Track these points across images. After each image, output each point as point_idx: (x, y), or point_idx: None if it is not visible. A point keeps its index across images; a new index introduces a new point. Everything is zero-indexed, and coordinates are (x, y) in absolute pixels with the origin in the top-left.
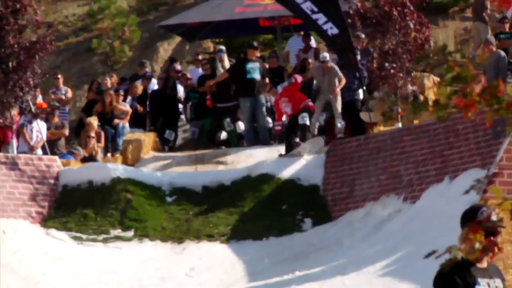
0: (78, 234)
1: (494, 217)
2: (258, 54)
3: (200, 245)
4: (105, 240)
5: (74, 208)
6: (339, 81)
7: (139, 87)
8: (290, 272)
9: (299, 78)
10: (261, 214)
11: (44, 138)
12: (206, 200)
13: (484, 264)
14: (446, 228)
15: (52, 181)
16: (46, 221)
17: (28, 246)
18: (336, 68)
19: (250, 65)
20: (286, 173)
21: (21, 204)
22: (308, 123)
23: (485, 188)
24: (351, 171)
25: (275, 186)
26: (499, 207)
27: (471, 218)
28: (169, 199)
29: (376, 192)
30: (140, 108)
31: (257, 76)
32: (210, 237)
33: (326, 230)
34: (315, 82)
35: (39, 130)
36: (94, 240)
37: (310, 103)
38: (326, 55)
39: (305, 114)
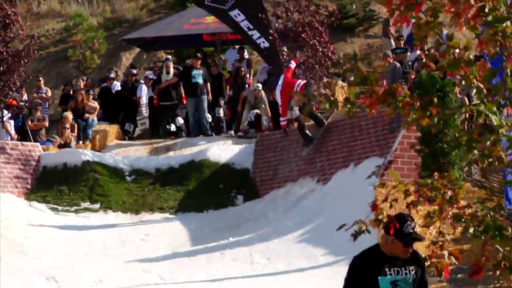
0: (55, 206)
1: (410, 229)
2: (199, 63)
3: (153, 215)
4: (76, 211)
5: (51, 185)
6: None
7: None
8: (225, 238)
9: (293, 65)
10: (202, 191)
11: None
12: (159, 179)
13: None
14: (351, 205)
15: (34, 163)
16: (29, 195)
17: (14, 215)
18: (264, 96)
19: (195, 72)
20: (223, 159)
21: (9, 181)
22: (297, 113)
23: (383, 172)
24: (275, 157)
25: (214, 169)
26: (394, 188)
27: (396, 232)
28: (128, 178)
29: (295, 175)
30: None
31: (200, 80)
32: (161, 209)
33: (254, 205)
34: (244, 94)
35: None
36: (68, 211)
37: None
38: (259, 85)
39: (295, 109)
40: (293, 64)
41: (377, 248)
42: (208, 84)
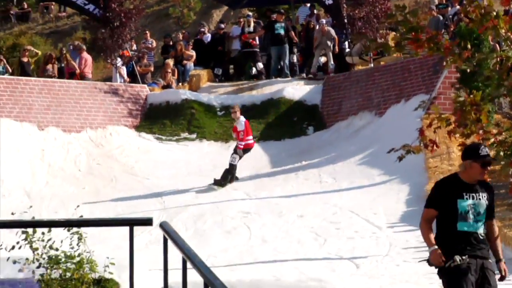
0: (160, 136)
1: (485, 152)
2: (282, 17)
3: None
4: (177, 140)
5: (157, 119)
6: (333, 39)
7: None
8: (298, 162)
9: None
10: (279, 123)
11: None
12: (244, 114)
13: (473, 181)
14: (402, 134)
15: (142, 101)
16: (138, 127)
17: (126, 143)
18: (331, 30)
19: (277, 24)
20: (296, 96)
21: (122, 116)
22: (235, 163)
23: (428, 107)
24: (339, 95)
25: (289, 105)
26: (437, 119)
27: (474, 155)
28: (219, 113)
29: (355, 109)
30: None
31: (282, 32)
32: None
33: (322, 135)
34: (316, 36)
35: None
36: (170, 140)
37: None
38: (323, 20)
39: (235, 156)
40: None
41: (456, 176)
42: (289, 34)
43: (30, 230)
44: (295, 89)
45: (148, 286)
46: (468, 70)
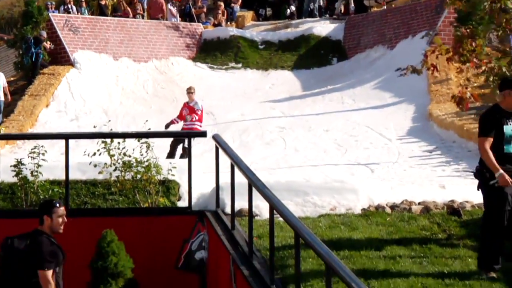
0: (212, 65)
1: None
2: None
3: (277, 72)
4: (226, 69)
5: (209, 51)
6: None
7: None
8: (324, 87)
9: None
10: (309, 55)
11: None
12: (280, 47)
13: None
14: (409, 60)
15: (197, 36)
16: (194, 58)
17: (184, 71)
18: None
19: None
20: (323, 33)
21: (181, 49)
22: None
23: (431, 40)
24: (358, 32)
25: (317, 40)
26: (439, 48)
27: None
28: (260, 47)
29: (371, 44)
30: None
31: None
32: (282, 67)
33: (344, 64)
34: None
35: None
36: (220, 69)
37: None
38: None
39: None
40: None
41: (497, 106)
42: None
43: (108, 140)
44: (322, 27)
45: (203, 186)
46: (464, 11)
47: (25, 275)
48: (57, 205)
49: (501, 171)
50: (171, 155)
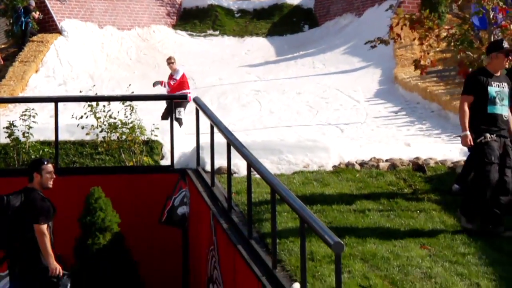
0: (191, 32)
1: (506, 44)
2: None
3: (252, 38)
4: (204, 36)
5: (189, 20)
6: None
7: None
8: (297, 52)
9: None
10: (283, 23)
11: None
12: (255, 15)
13: (498, 73)
14: (376, 30)
15: (177, 5)
16: (175, 26)
17: (165, 38)
18: None
19: None
20: (296, 2)
21: (163, 17)
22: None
23: (395, 11)
24: (328, 1)
25: (290, 8)
26: (403, 18)
27: (499, 47)
28: (236, 15)
29: (340, 11)
30: None
31: None
32: (257, 34)
33: (315, 31)
34: None
35: None
36: (199, 36)
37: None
38: None
39: (181, 109)
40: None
41: (484, 68)
42: None
43: (94, 103)
44: None
45: (185, 146)
46: None
47: (20, 230)
48: (45, 162)
49: (467, 132)
50: (164, 117)
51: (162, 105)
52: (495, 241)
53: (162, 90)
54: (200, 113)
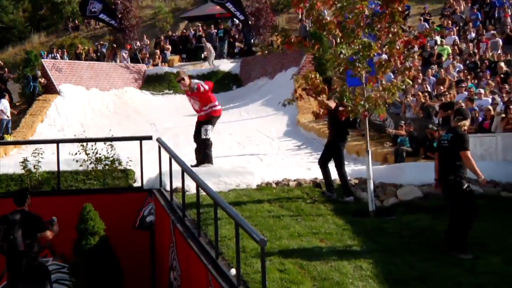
0: (153, 92)
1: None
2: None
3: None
4: (162, 94)
5: (151, 83)
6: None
7: None
8: (228, 104)
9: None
10: (218, 84)
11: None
12: (199, 79)
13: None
14: (283, 89)
15: (142, 73)
16: (141, 88)
17: (134, 96)
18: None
19: (220, 30)
20: (227, 69)
21: (132, 82)
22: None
23: (295, 79)
24: (249, 68)
25: (223, 74)
26: (300, 85)
27: (450, 108)
28: None
29: (259, 75)
30: None
31: (222, 34)
32: None
33: (241, 90)
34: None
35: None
36: (158, 94)
37: (215, 108)
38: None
39: (208, 127)
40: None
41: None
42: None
43: (84, 144)
44: (226, 65)
45: (151, 172)
46: (317, 55)
47: (20, 239)
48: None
49: (483, 176)
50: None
51: (133, 144)
52: (374, 236)
53: (133, 132)
54: (162, 149)
